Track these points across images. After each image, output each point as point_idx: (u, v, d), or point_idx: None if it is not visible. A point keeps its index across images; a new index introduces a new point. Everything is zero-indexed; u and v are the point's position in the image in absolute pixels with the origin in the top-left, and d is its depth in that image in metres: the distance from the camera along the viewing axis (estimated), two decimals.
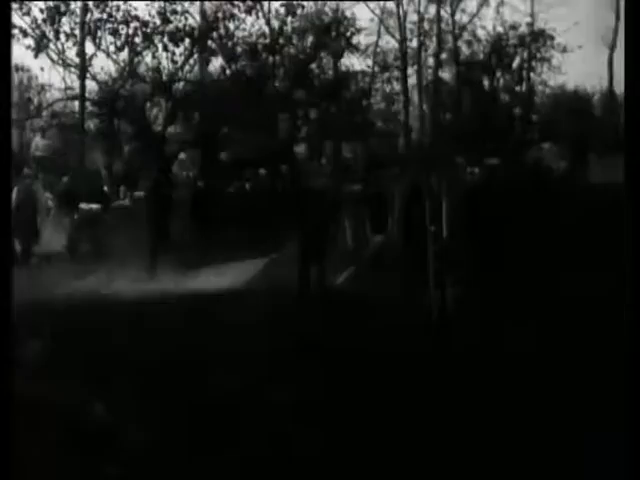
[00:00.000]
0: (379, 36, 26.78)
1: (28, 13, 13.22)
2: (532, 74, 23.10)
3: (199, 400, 6.65)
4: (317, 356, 8.04)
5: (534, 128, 23.16)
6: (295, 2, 15.73)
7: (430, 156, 10.27)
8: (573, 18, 23.34)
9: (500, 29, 23.01)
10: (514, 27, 22.81)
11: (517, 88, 22.86)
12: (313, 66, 17.62)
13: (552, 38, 22.86)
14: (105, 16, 13.29)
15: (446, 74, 23.03)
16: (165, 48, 13.56)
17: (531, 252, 12.74)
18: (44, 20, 13.23)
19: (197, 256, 14.12)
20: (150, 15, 13.44)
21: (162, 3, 13.42)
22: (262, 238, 14.38)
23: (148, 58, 13.82)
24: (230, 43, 14.22)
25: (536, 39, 22.86)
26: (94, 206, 17.47)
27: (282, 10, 15.21)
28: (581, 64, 22.62)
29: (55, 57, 13.52)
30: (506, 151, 19.52)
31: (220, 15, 13.97)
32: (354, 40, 21.45)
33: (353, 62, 22.90)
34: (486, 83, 22.63)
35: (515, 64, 22.68)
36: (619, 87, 23.52)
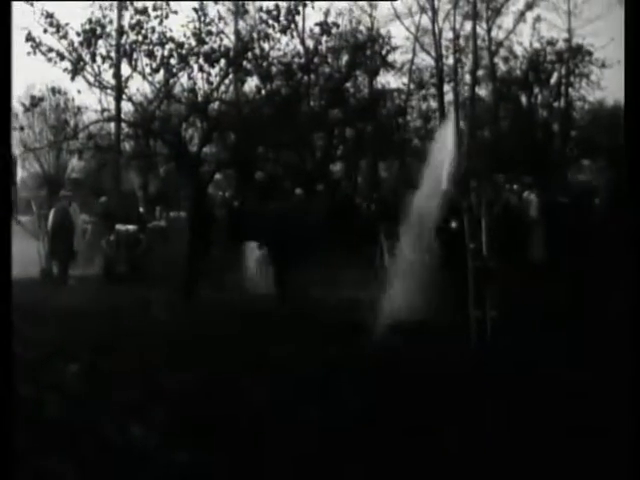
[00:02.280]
0: (414, 54, 26.77)
1: (65, 36, 13.27)
2: (570, 90, 22.92)
3: None
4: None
5: (573, 144, 22.93)
6: (330, 22, 15.66)
7: (468, 173, 10.10)
8: (611, 33, 23.12)
9: (537, 45, 22.88)
10: (551, 43, 22.67)
11: (555, 104, 22.68)
12: (348, 85, 17.56)
13: (590, 53, 22.69)
14: (141, 38, 13.29)
15: (483, 91, 22.93)
16: (200, 69, 13.52)
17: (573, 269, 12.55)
18: (81, 43, 13.26)
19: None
20: (185, 36, 13.41)
21: (197, 24, 13.39)
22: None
23: (184, 79, 13.79)
24: (265, 63, 14.16)
25: (574, 55, 22.68)
26: (130, 227, 17.57)
27: (317, 29, 15.13)
28: (620, 79, 22.31)
29: (91, 79, 13.53)
30: (545, 167, 19.33)
31: (255, 35, 13.92)
32: (389, 58, 21.43)
33: (389, 80, 22.91)
34: (524, 99, 22.48)
35: (553, 80, 22.52)
36: None
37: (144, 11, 13.20)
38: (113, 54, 13.56)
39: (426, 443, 6.07)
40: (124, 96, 14.20)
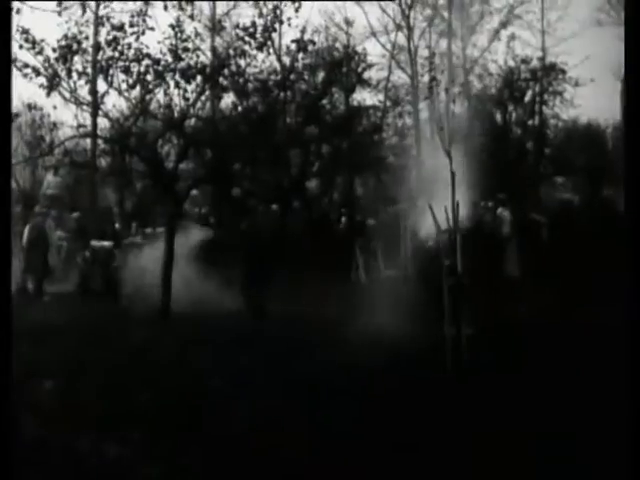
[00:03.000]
0: (390, 71, 26.90)
1: (41, 52, 13.21)
2: (544, 107, 23.05)
3: None
4: None
5: (547, 161, 23.03)
6: (306, 39, 15.70)
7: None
8: (584, 52, 23.41)
9: (511, 63, 23.01)
10: (525, 61, 22.79)
11: (530, 122, 22.80)
12: (324, 101, 17.60)
13: (564, 72, 22.82)
14: (117, 54, 13.28)
15: (458, 108, 22.99)
16: (177, 85, 13.52)
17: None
18: (56, 59, 13.21)
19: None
20: (162, 53, 13.41)
21: (174, 41, 13.40)
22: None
23: (160, 95, 13.78)
24: (241, 80, 14.19)
25: (548, 73, 22.81)
26: (106, 243, 17.49)
27: (293, 46, 15.20)
28: (593, 97, 22.56)
29: (67, 95, 13.48)
30: (519, 184, 19.44)
31: (231, 52, 13.96)
32: (365, 75, 21.48)
33: (365, 97, 22.94)
34: (498, 117, 22.58)
35: (527, 98, 22.64)
36: None
37: (120, 27, 13.20)
38: (89, 70, 13.54)
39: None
40: (100, 112, 14.16)
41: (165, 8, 13.83)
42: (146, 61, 13.26)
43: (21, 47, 12.99)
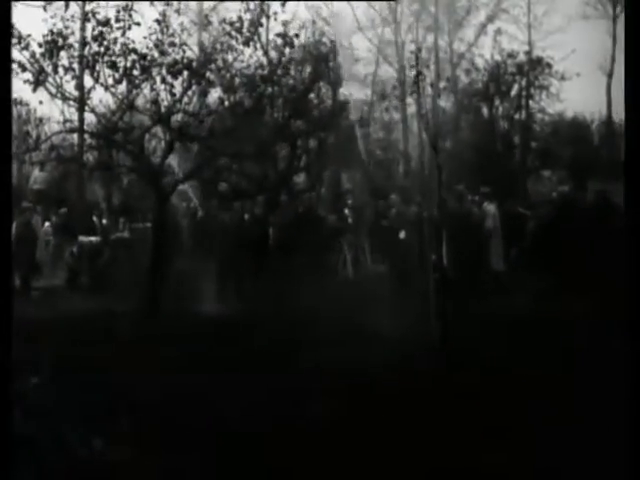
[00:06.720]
0: (377, 65, 26.99)
1: (27, 47, 13.18)
2: (531, 102, 23.13)
3: None
4: None
5: (533, 155, 23.12)
6: (292, 33, 15.68)
7: (429, 184, 10.21)
8: (571, 46, 23.54)
9: (498, 57, 23.10)
10: (512, 55, 22.87)
11: (516, 116, 22.88)
12: (311, 96, 17.61)
13: (550, 66, 22.90)
14: (103, 49, 13.25)
15: (445, 102, 23.06)
16: (163, 80, 13.52)
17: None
18: (42, 54, 13.18)
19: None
20: (148, 48, 13.40)
21: (160, 36, 13.39)
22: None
23: (146, 90, 13.79)
24: (228, 74, 14.20)
25: (534, 67, 22.89)
26: (93, 238, 17.47)
27: (279, 41, 15.21)
28: (579, 92, 22.67)
29: (54, 90, 13.45)
30: (505, 178, 19.51)
31: (218, 47, 13.97)
32: (353, 70, 21.51)
33: (352, 91, 22.97)
34: (485, 111, 22.66)
35: (514, 92, 22.72)
36: (617, 114, 23.75)
37: (106, 22, 13.18)
38: (75, 65, 13.51)
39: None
40: (87, 107, 14.15)
41: (151, 3, 13.82)
42: (132, 56, 13.25)
43: None
